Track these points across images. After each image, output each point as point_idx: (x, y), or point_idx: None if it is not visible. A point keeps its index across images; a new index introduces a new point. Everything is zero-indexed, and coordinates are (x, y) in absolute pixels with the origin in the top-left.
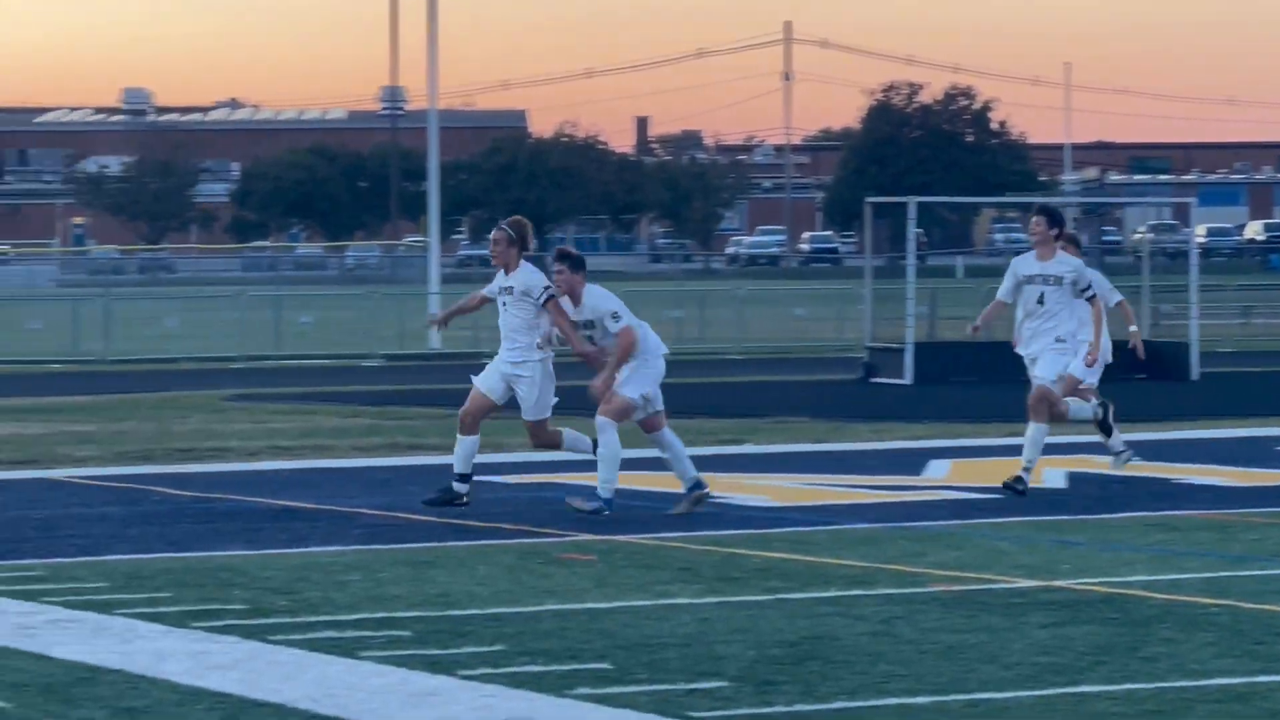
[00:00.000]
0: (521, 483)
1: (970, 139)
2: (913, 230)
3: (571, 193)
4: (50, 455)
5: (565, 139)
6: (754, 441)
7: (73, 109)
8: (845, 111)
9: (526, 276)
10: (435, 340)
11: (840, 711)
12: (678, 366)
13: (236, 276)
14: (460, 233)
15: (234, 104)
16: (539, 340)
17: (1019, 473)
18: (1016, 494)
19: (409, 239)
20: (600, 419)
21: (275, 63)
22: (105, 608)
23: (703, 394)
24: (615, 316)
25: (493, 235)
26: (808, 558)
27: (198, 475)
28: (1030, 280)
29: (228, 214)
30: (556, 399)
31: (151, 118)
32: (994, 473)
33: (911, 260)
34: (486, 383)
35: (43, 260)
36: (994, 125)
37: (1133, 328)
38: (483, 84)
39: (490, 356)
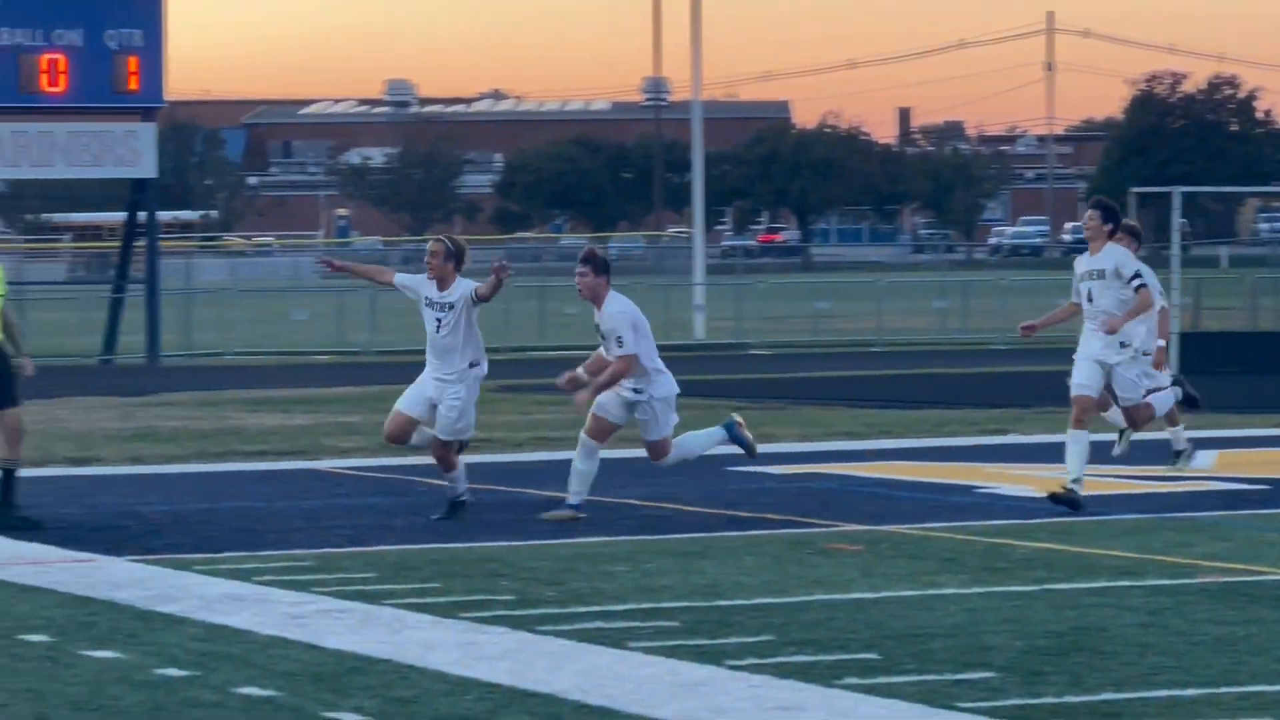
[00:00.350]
0: (788, 473)
1: (1235, 128)
2: (1177, 220)
3: (834, 184)
4: (317, 446)
5: (828, 130)
6: (1018, 431)
7: (336, 101)
8: (1108, 101)
9: (461, 289)
10: (700, 330)
11: (1108, 703)
12: (942, 357)
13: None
14: (724, 223)
15: (497, 95)
16: None
17: (1069, 484)
18: (1071, 508)
19: (672, 230)
20: (586, 438)
21: (538, 54)
22: (374, 598)
23: (967, 384)
24: (620, 342)
25: (430, 247)
26: (1074, 548)
27: (464, 466)
28: (1084, 278)
29: (491, 205)
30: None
31: (415, 109)
32: (1261, 464)
33: (1176, 250)
34: (409, 402)
35: (307, 252)
36: (1259, 114)
37: (1160, 342)
38: (745, 75)
39: (752, 346)
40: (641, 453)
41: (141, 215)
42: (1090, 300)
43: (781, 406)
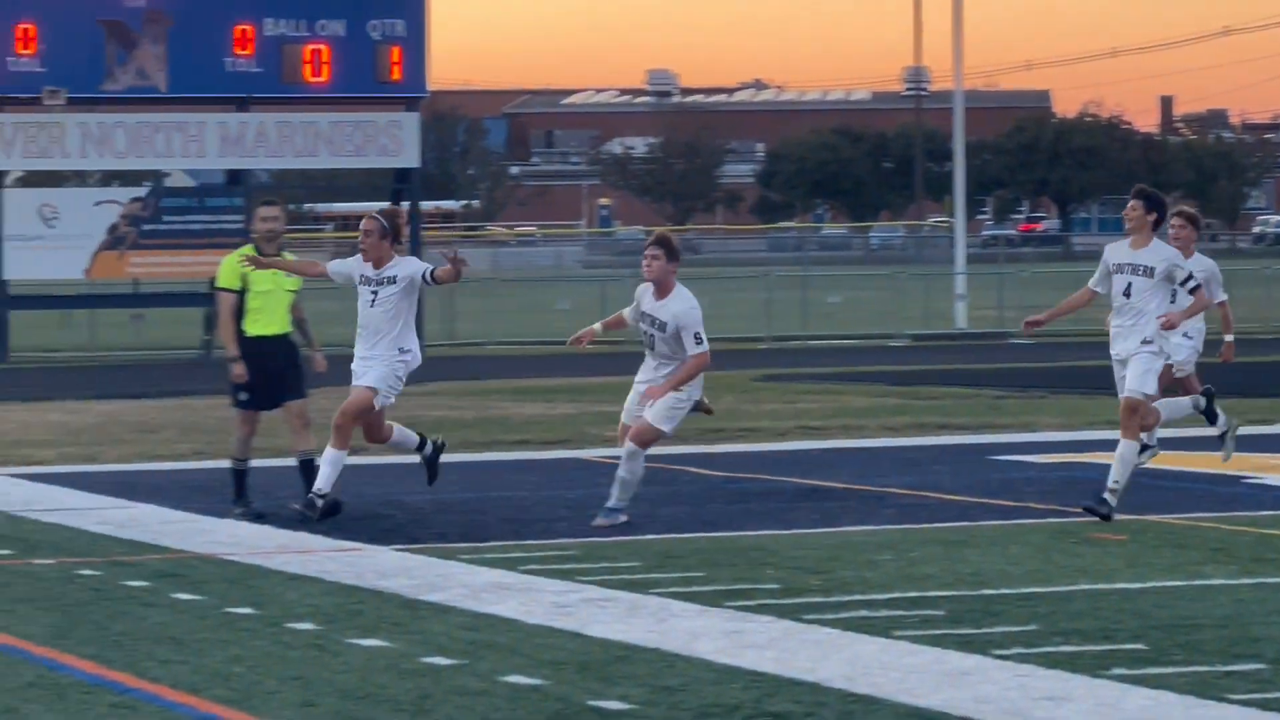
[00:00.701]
0: (1050, 462)
1: None
2: None
3: (1095, 172)
4: (580, 435)
5: (1089, 119)
6: None
7: (598, 91)
8: None
9: (408, 267)
10: (961, 320)
11: None
12: (1205, 346)
13: (762, 257)
14: (984, 213)
15: (758, 85)
16: None
17: (1105, 494)
18: (1101, 518)
19: (933, 219)
20: (631, 447)
21: (799, 44)
22: (639, 587)
23: (1231, 373)
24: (699, 339)
25: (364, 225)
26: None
27: (728, 455)
28: (1119, 269)
29: (753, 195)
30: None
31: (676, 99)
32: None
33: None
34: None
35: (570, 241)
36: None
37: (1229, 337)
38: (1006, 64)
39: (1013, 335)
40: (912, 441)
41: (405, 204)
42: (1128, 295)
43: (1043, 395)
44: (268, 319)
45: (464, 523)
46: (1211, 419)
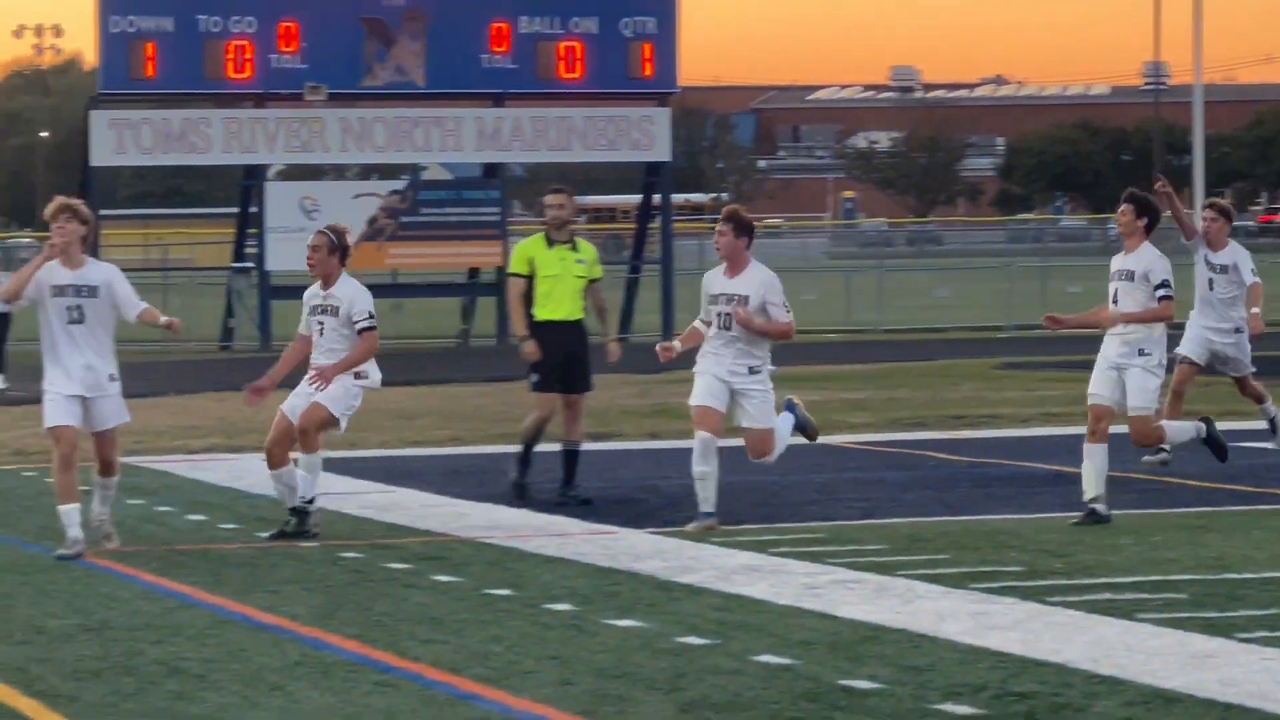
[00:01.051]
0: None
1: None
2: None
3: None
4: (827, 422)
5: None
6: None
7: (842, 87)
8: None
9: (351, 292)
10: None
11: None
12: None
13: (1001, 248)
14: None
15: (999, 80)
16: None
17: (1092, 506)
18: (1096, 521)
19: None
20: (764, 456)
21: (1039, 40)
22: (886, 569)
23: None
24: (787, 307)
25: (311, 241)
26: None
27: (971, 441)
28: (1113, 277)
29: (993, 187)
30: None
31: (919, 95)
32: None
33: None
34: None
35: (815, 233)
36: None
37: (1255, 309)
38: (1245, 58)
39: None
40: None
41: (656, 198)
42: (1115, 302)
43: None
44: (555, 304)
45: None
46: (1217, 451)
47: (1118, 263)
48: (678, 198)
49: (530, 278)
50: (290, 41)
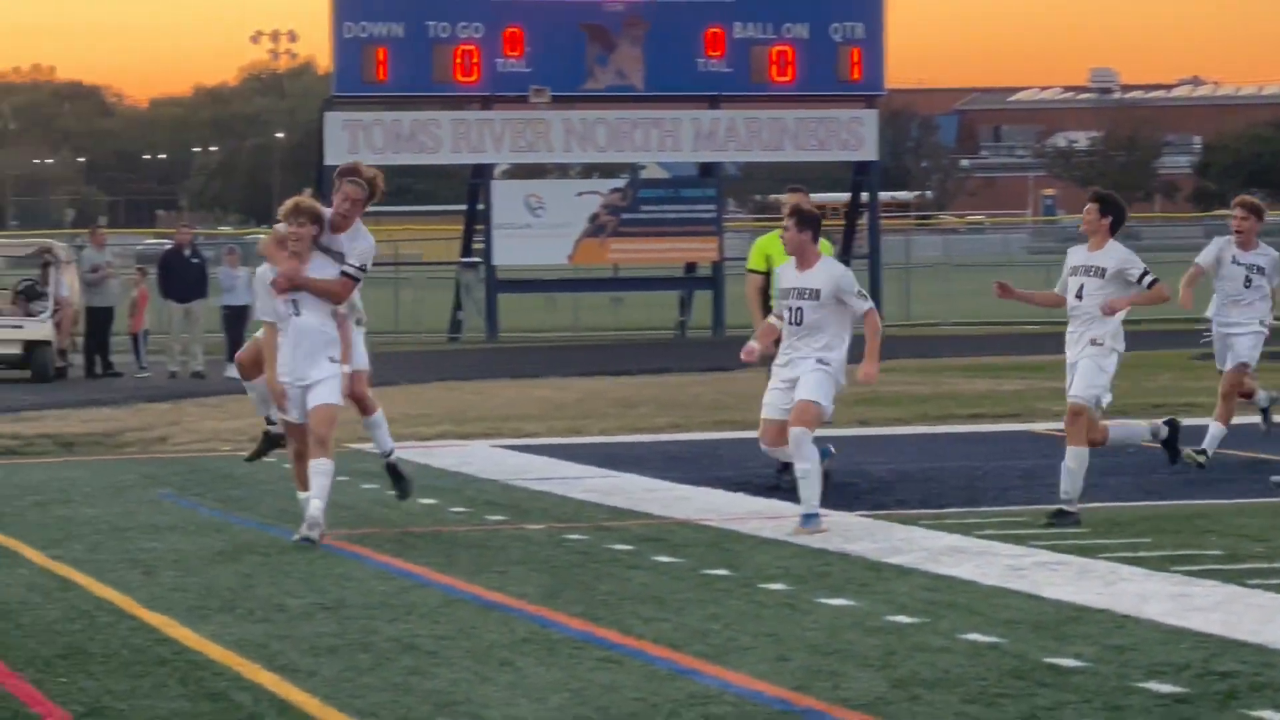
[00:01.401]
0: None
1: None
2: None
3: None
4: (1028, 410)
5: None
6: None
7: (1043, 88)
8: None
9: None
10: None
11: None
12: None
13: (1198, 243)
14: None
15: (1196, 81)
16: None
17: (1061, 505)
18: (1067, 522)
19: None
20: (797, 431)
21: (1235, 40)
22: (1088, 552)
23: None
24: (862, 295)
25: (346, 191)
26: None
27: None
28: (1074, 272)
29: (1189, 185)
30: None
31: (1117, 95)
32: None
33: None
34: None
35: (1016, 229)
36: None
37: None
38: None
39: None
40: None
41: (864, 195)
42: (1080, 297)
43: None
44: None
45: (923, 491)
46: (1173, 453)
47: (1080, 257)
48: (884, 195)
49: (768, 274)
50: (515, 47)
